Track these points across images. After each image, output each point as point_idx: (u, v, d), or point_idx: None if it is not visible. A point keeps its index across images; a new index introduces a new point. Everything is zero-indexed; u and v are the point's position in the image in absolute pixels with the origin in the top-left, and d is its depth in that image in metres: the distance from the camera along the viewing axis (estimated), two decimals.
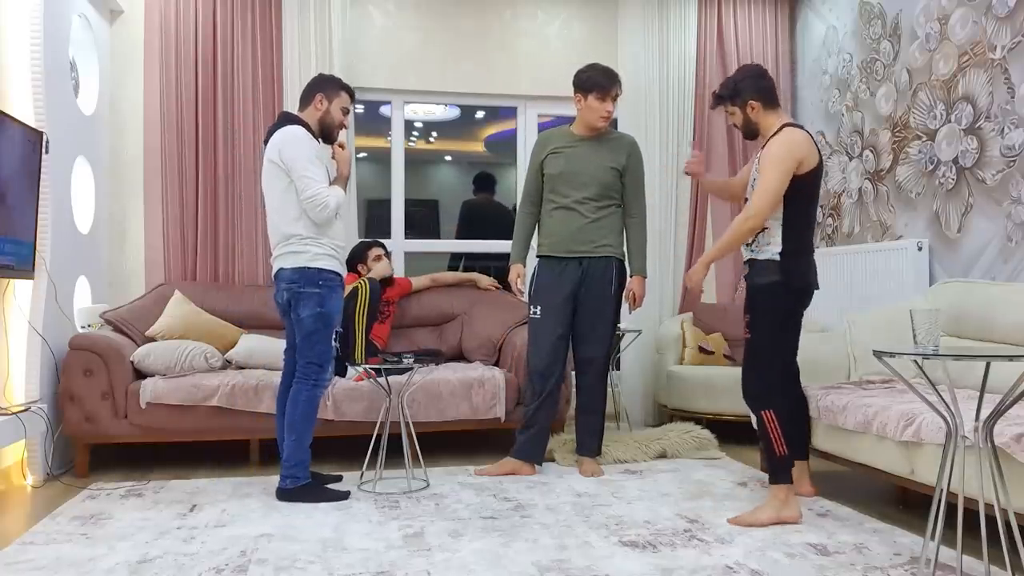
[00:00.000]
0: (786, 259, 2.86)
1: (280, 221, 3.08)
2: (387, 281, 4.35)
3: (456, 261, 5.50)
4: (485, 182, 5.75)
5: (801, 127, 2.91)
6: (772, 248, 2.88)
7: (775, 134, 2.91)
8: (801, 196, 2.87)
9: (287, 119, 3.13)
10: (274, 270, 3.13)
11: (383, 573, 2.27)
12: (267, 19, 4.56)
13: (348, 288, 4.20)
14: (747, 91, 2.97)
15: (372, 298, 3.92)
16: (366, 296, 3.91)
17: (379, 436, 3.43)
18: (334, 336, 3.14)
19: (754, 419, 2.96)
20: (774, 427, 2.83)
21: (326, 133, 3.20)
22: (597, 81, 3.55)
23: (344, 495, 3.10)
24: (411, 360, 3.29)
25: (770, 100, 2.98)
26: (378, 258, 4.33)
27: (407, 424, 3.44)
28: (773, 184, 2.82)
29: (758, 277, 2.91)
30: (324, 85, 3.19)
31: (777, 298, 2.90)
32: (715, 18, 5.12)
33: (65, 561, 2.37)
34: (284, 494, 3.07)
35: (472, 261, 5.53)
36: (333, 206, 3.02)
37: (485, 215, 5.64)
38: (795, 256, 2.88)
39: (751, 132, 3.03)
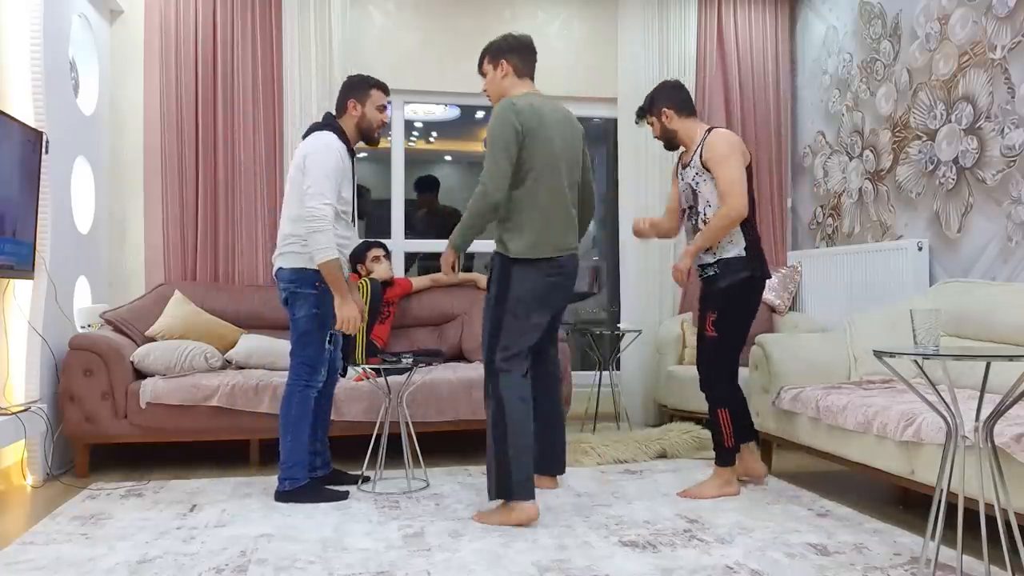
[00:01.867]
0: (751, 253, 3.11)
1: (288, 219, 3.07)
2: (387, 282, 4.36)
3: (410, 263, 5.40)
4: (428, 185, 5.54)
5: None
6: (737, 246, 3.11)
7: (705, 138, 3.13)
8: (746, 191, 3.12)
9: (326, 124, 3.10)
10: (274, 268, 3.13)
11: (383, 573, 2.27)
12: (267, 19, 4.56)
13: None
14: (661, 101, 3.23)
15: (373, 298, 3.93)
16: (367, 296, 3.92)
17: (379, 436, 3.43)
18: (328, 338, 3.13)
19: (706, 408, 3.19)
20: (727, 424, 3.15)
21: (367, 136, 3.17)
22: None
23: (343, 495, 3.09)
24: (410, 360, 3.29)
25: (683, 108, 3.23)
26: (376, 259, 4.33)
27: (407, 424, 3.44)
28: (735, 174, 3.06)
29: (729, 276, 3.06)
30: (354, 89, 3.14)
31: (750, 293, 3.14)
32: (715, 18, 5.13)
33: (65, 561, 2.37)
34: (282, 496, 3.06)
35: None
36: (319, 242, 2.90)
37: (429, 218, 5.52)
38: (756, 249, 3.14)
39: (669, 141, 3.28)
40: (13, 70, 3.48)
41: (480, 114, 5.67)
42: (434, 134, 6.05)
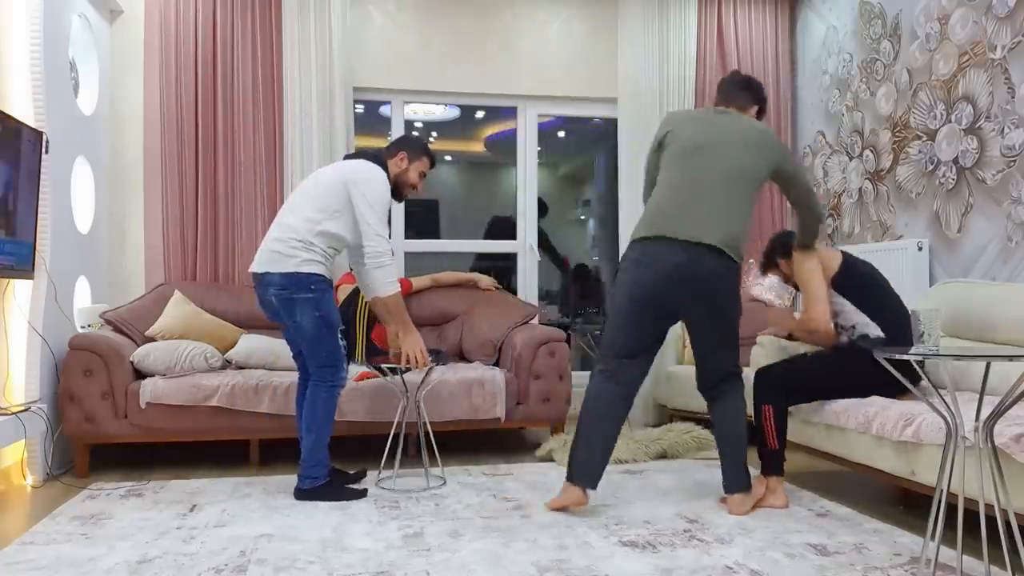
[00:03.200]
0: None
1: (296, 221, 3.01)
2: None
3: (481, 262, 5.51)
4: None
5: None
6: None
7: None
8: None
9: (377, 158, 3.16)
10: (257, 268, 3.04)
11: (383, 573, 2.27)
12: (267, 19, 4.56)
13: (350, 289, 4.20)
14: (775, 255, 3.30)
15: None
16: (365, 302, 3.92)
17: (396, 435, 3.44)
18: (340, 335, 3.10)
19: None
20: (771, 423, 3.04)
21: (397, 190, 3.23)
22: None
23: (362, 493, 3.12)
24: (429, 359, 3.29)
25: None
26: None
27: (424, 423, 3.45)
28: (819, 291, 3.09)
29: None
30: (410, 145, 3.23)
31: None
32: (715, 18, 5.13)
33: (65, 561, 2.37)
34: (302, 494, 3.07)
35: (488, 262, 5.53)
36: (383, 278, 3.02)
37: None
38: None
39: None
40: (13, 70, 3.48)
41: (480, 114, 5.67)
42: (434, 134, 6.05)
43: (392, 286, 3.04)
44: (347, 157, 3.24)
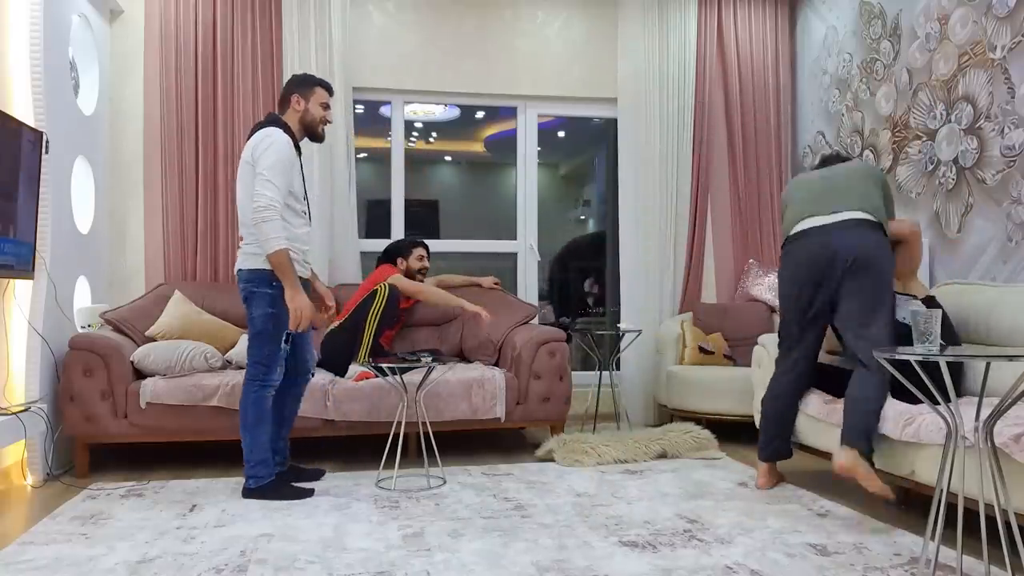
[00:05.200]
0: None
1: (245, 219, 3.08)
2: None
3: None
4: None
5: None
6: None
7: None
8: None
9: (270, 121, 3.11)
10: (235, 266, 3.13)
11: (383, 573, 2.27)
12: (267, 19, 4.56)
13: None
14: None
15: (388, 305, 3.89)
16: (382, 303, 3.89)
17: (396, 435, 3.43)
18: (285, 338, 3.09)
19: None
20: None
21: (310, 132, 3.20)
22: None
23: (308, 492, 3.11)
24: (429, 359, 3.29)
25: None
26: (421, 259, 4.31)
27: (424, 423, 3.45)
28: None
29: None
30: (298, 85, 3.17)
31: None
32: (715, 18, 5.13)
33: (65, 561, 2.37)
34: (248, 493, 3.08)
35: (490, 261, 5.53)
36: (268, 232, 2.92)
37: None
38: None
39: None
40: (13, 70, 3.48)
41: (480, 114, 5.67)
42: (434, 134, 6.05)
43: (275, 242, 2.92)
44: (251, 132, 3.16)
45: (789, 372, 3.22)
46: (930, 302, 3.12)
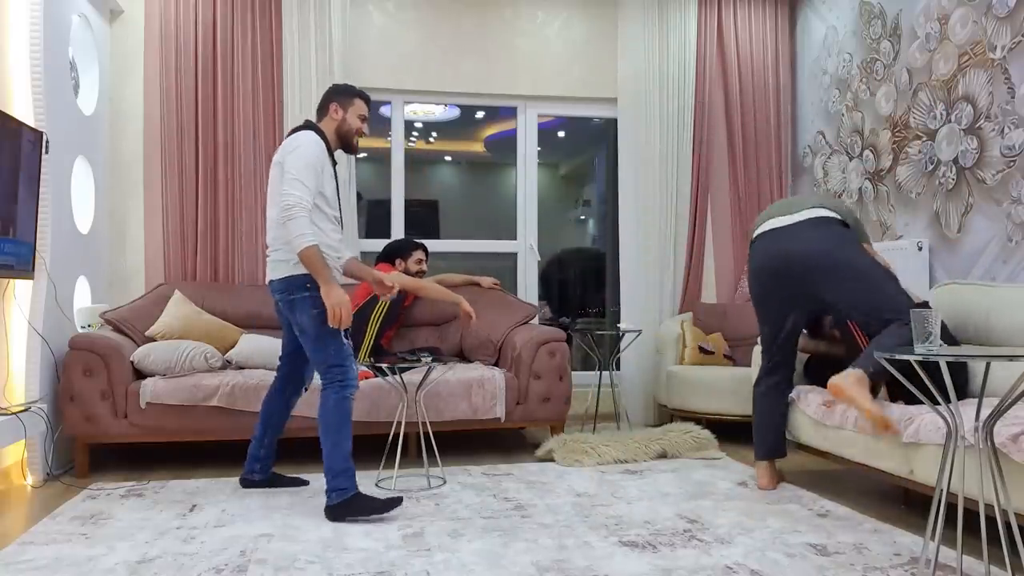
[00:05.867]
0: None
1: (273, 223, 2.99)
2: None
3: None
4: None
5: None
6: None
7: None
8: None
9: (306, 126, 3.03)
10: (267, 277, 3.04)
11: (383, 573, 2.27)
12: (267, 19, 4.56)
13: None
14: None
15: (392, 305, 3.89)
16: (385, 304, 3.89)
17: (396, 435, 3.43)
18: (344, 333, 2.95)
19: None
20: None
21: (345, 142, 3.12)
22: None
23: (398, 501, 2.88)
24: (429, 359, 3.29)
25: None
26: (420, 262, 4.31)
27: (424, 423, 3.44)
28: None
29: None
30: (338, 94, 3.11)
31: None
32: (715, 18, 5.13)
33: (65, 561, 2.37)
34: (332, 511, 2.82)
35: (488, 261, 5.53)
36: (294, 229, 2.78)
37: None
38: None
39: None
40: (13, 70, 3.48)
41: (480, 114, 5.67)
42: (434, 134, 6.05)
43: (304, 239, 2.78)
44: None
45: (770, 376, 3.31)
46: (923, 307, 3.11)
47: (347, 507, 2.81)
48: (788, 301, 3.12)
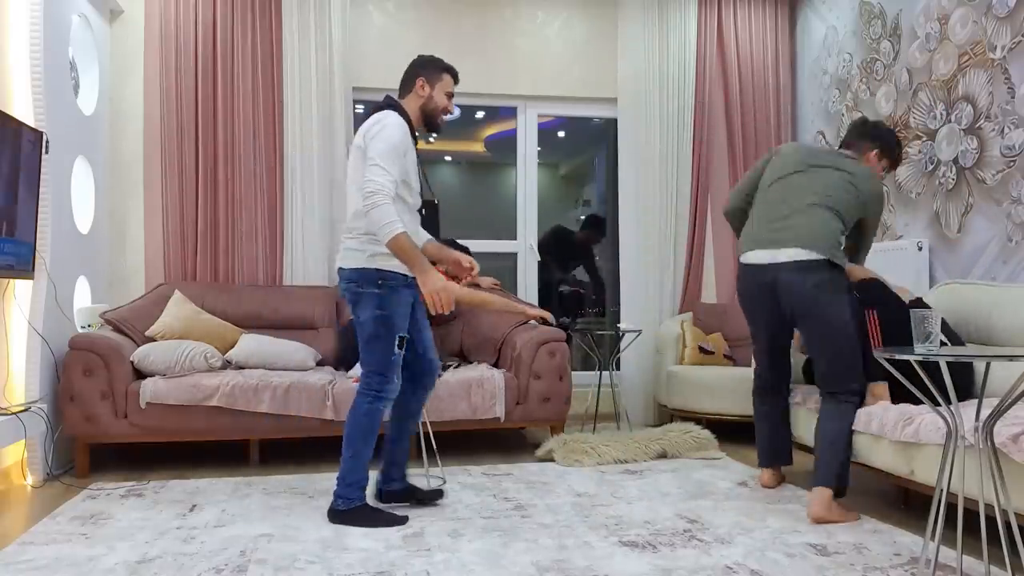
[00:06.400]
0: None
1: (351, 209, 2.77)
2: None
3: None
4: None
5: None
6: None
7: None
8: None
9: (387, 104, 2.80)
10: (337, 263, 2.84)
11: (383, 573, 2.27)
12: (267, 19, 4.56)
13: None
14: None
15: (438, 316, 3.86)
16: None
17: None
18: (397, 342, 2.77)
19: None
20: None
21: (429, 120, 2.89)
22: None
23: (403, 519, 2.78)
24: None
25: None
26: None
27: (424, 423, 3.44)
28: None
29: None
30: (425, 68, 2.87)
31: None
32: (715, 18, 5.13)
33: (65, 561, 2.37)
34: (335, 516, 2.76)
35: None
36: (380, 218, 2.56)
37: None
38: None
39: None
40: (13, 70, 3.48)
41: (480, 114, 5.67)
42: (434, 134, 6.05)
43: (390, 227, 2.56)
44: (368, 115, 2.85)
45: (766, 384, 3.28)
46: (918, 304, 3.11)
47: (351, 516, 2.75)
48: (776, 322, 3.10)
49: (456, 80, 2.93)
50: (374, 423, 2.75)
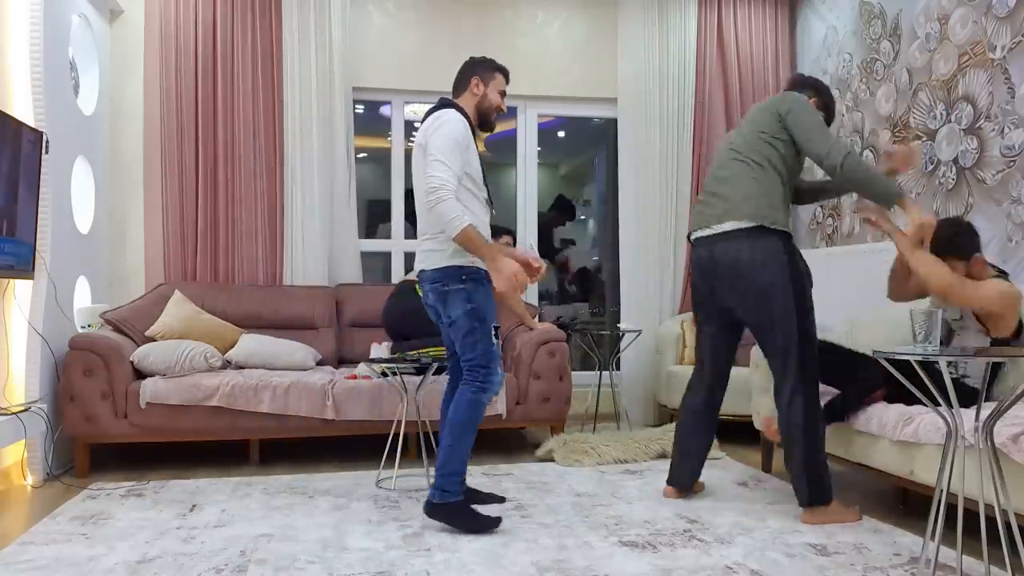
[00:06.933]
0: None
1: (422, 210, 2.79)
2: None
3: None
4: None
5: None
6: None
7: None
8: None
9: (443, 103, 2.84)
10: (417, 267, 2.87)
11: (383, 573, 2.27)
12: (267, 19, 4.56)
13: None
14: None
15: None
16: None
17: (396, 435, 3.43)
18: (494, 332, 2.77)
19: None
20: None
21: (484, 119, 2.93)
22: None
23: (496, 522, 2.71)
24: (429, 359, 3.29)
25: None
26: (508, 245, 4.07)
27: (424, 423, 3.44)
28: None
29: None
30: (479, 67, 2.92)
31: None
32: (715, 18, 5.13)
33: (65, 561, 2.37)
34: (432, 509, 2.70)
35: None
36: (444, 213, 2.59)
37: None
38: None
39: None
40: (13, 70, 3.48)
41: None
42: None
43: (456, 220, 2.58)
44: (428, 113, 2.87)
45: (699, 393, 3.12)
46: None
47: (446, 512, 2.70)
48: (722, 310, 2.96)
49: (507, 79, 2.98)
50: (476, 414, 2.73)
